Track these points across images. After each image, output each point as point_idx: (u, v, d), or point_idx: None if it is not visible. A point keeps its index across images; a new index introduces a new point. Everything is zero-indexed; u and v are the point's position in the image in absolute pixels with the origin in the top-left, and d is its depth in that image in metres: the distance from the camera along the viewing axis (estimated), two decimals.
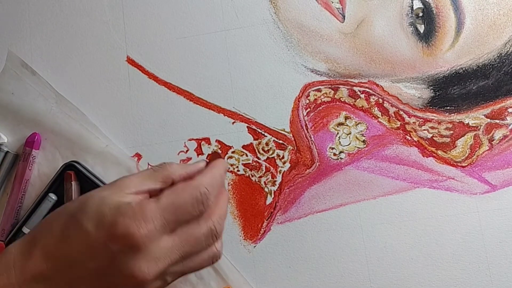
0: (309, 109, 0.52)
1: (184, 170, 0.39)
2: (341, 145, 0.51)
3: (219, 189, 0.41)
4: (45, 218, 0.38)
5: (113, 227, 0.35)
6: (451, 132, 0.50)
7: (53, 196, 0.51)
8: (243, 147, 0.52)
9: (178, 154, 0.52)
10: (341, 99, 0.51)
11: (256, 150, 0.52)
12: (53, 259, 0.36)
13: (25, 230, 0.51)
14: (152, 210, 0.36)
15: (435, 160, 0.50)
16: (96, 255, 0.36)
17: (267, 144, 0.52)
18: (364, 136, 0.51)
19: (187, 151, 0.52)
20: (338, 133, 0.51)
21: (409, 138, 0.50)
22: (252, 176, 0.51)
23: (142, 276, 0.36)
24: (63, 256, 0.36)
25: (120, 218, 0.35)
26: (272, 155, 0.51)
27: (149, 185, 0.38)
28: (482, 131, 0.49)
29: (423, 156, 0.50)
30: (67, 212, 0.37)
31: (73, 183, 0.51)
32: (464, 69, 0.50)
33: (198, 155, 0.52)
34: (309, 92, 0.52)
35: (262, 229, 0.51)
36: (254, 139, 0.52)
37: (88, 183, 0.51)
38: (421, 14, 0.51)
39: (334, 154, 0.51)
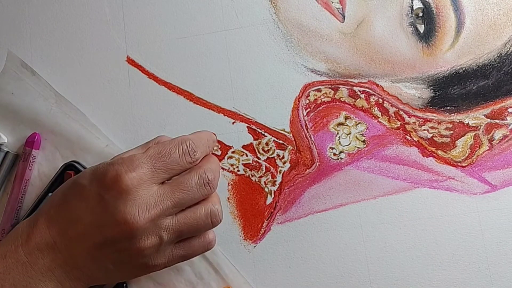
0: (309, 109, 0.52)
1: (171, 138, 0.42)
2: (341, 145, 0.51)
3: (206, 149, 0.43)
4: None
5: (104, 176, 0.37)
6: (451, 132, 0.50)
7: None
8: (243, 147, 0.52)
9: None
10: (341, 99, 0.51)
11: (256, 150, 0.52)
12: (54, 224, 0.37)
13: None
14: (139, 157, 0.37)
15: (435, 160, 0.50)
16: (92, 206, 0.36)
17: (267, 144, 0.52)
18: (364, 136, 0.51)
19: None
20: (338, 133, 0.51)
21: (409, 138, 0.50)
22: (252, 176, 0.51)
23: (134, 220, 0.36)
24: (63, 218, 0.37)
25: (110, 167, 0.37)
26: (272, 155, 0.51)
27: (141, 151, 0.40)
28: (482, 131, 0.49)
29: (423, 156, 0.50)
30: (69, 181, 0.39)
31: None
32: (464, 69, 0.50)
33: None
34: (309, 92, 0.52)
35: (262, 229, 0.51)
36: (254, 139, 0.52)
37: None
38: (421, 14, 0.51)
39: (334, 154, 0.51)
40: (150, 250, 0.37)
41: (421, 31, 0.50)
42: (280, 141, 0.52)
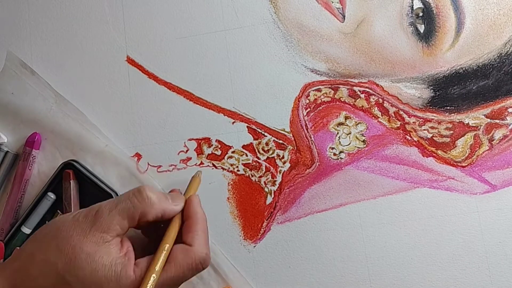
0: (309, 109, 0.52)
1: (160, 211, 0.39)
2: (341, 145, 0.51)
3: (204, 226, 0.41)
4: (25, 261, 0.36)
5: None
6: (451, 132, 0.50)
7: (51, 195, 0.51)
8: (243, 147, 0.52)
9: (178, 154, 0.52)
10: (341, 99, 0.51)
11: (256, 150, 0.52)
12: None
13: (24, 229, 0.51)
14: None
15: (435, 160, 0.50)
16: None
17: (267, 144, 0.52)
18: (364, 136, 0.51)
19: (187, 151, 0.52)
20: (338, 133, 0.51)
21: (409, 138, 0.50)
22: (252, 176, 0.51)
23: None
24: None
25: None
26: (272, 155, 0.51)
27: (127, 225, 0.38)
28: (482, 131, 0.49)
29: (423, 156, 0.50)
30: (55, 271, 0.35)
31: (71, 182, 0.51)
32: (464, 69, 0.50)
33: (198, 155, 0.52)
34: (309, 92, 0.52)
35: (262, 229, 0.51)
36: (254, 139, 0.52)
37: (86, 182, 0.51)
38: (421, 14, 0.51)
39: (334, 154, 0.51)
40: None
41: (421, 31, 0.50)
42: (280, 141, 0.52)
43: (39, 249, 0.36)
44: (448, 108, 0.50)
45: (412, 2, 0.51)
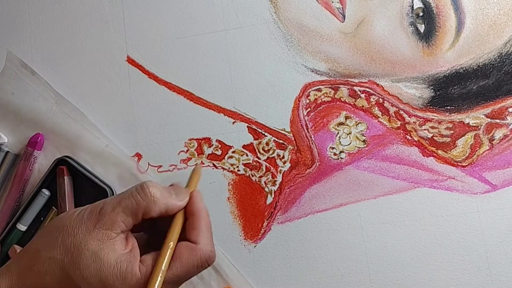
0: (309, 109, 0.51)
1: (164, 207, 0.39)
2: (342, 144, 0.51)
3: (208, 224, 0.41)
4: (31, 258, 0.36)
5: None
6: (452, 131, 0.50)
7: (46, 192, 0.51)
8: (244, 147, 0.52)
9: (179, 154, 0.53)
10: (341, 98, 0.51)
11: (257, 150, 0.52)
12: None
13: (19, 226, 0.51)
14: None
15: (436, 160, 0.50)
16: None
17: (267, 144, 0.52)
18: (365, 136, 0.51)
19: (187, 150, 0.52)
20: (338, 132, 0.51)
21: (410, 137, 0.50)
22: (253, 176, 0.51)
23: None
24: None
25: None
26: (273, 155, 0.51)
27: (131, 222, 0.38)
28: (483, 131, 0.49)
29: (424, 156, 0.50)
30: (61, 268, 0.36)
31: (65, 178, 0.51)
32: (464, 68, 0.50)
33: (198, 155, 0.52)
34: (309, 91, 0.52)
35: (262, 229, 0.51)
36: (255, 139, 0.52)
37: (80, 177, 0.51)
38: (421, 14, 0.51)
39: (335, 154, 0.51)
40: None
41: (422, 31, 0.50)
42: (281, 141, 0.52)
43: (45, 246, 0.37)
44: (449, 108, 0.50)
45: (413, 2, 0.51)
